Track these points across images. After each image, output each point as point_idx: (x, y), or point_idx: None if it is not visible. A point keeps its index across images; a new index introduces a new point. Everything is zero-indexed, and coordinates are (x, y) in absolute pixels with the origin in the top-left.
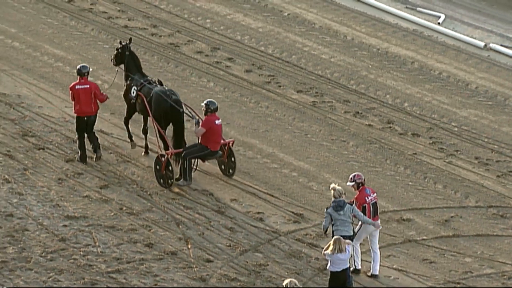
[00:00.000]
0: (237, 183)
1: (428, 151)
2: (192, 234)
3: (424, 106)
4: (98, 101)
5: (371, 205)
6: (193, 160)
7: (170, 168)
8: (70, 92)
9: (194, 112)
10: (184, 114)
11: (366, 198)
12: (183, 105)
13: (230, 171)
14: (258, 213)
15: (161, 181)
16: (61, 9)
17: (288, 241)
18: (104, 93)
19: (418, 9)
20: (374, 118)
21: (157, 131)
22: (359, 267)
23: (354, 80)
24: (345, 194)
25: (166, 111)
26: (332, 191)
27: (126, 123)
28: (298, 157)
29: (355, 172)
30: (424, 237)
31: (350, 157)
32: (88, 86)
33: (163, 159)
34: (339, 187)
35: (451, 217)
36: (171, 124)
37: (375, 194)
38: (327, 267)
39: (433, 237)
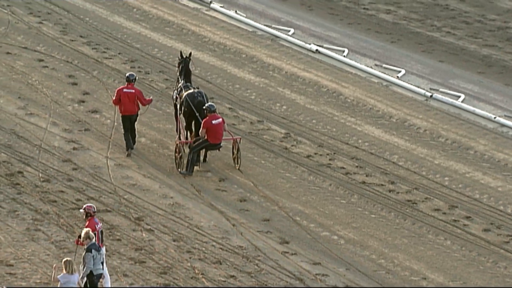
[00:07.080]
0: None
1: None
2: None
3: None
4: (140, 104)
5: (99, 232)
6: (196, 155)
7: (181, 155)
8: (116, 94)
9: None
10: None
11: (96, 226)
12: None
13: (238, 161)
14: None
15: (179, 170)
16: (299, 164)
17: None
18: (148, 98)
19: None
20: None
21: (183, 125)
22: None
23: None
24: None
25: (190, 112)
26: (86, 235)
27: (175, 118)
28: None
29: None
30: None
31: None
32: (133, 91)
33: (177, 148)
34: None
35: None
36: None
37: (100, 224)
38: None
39: None
